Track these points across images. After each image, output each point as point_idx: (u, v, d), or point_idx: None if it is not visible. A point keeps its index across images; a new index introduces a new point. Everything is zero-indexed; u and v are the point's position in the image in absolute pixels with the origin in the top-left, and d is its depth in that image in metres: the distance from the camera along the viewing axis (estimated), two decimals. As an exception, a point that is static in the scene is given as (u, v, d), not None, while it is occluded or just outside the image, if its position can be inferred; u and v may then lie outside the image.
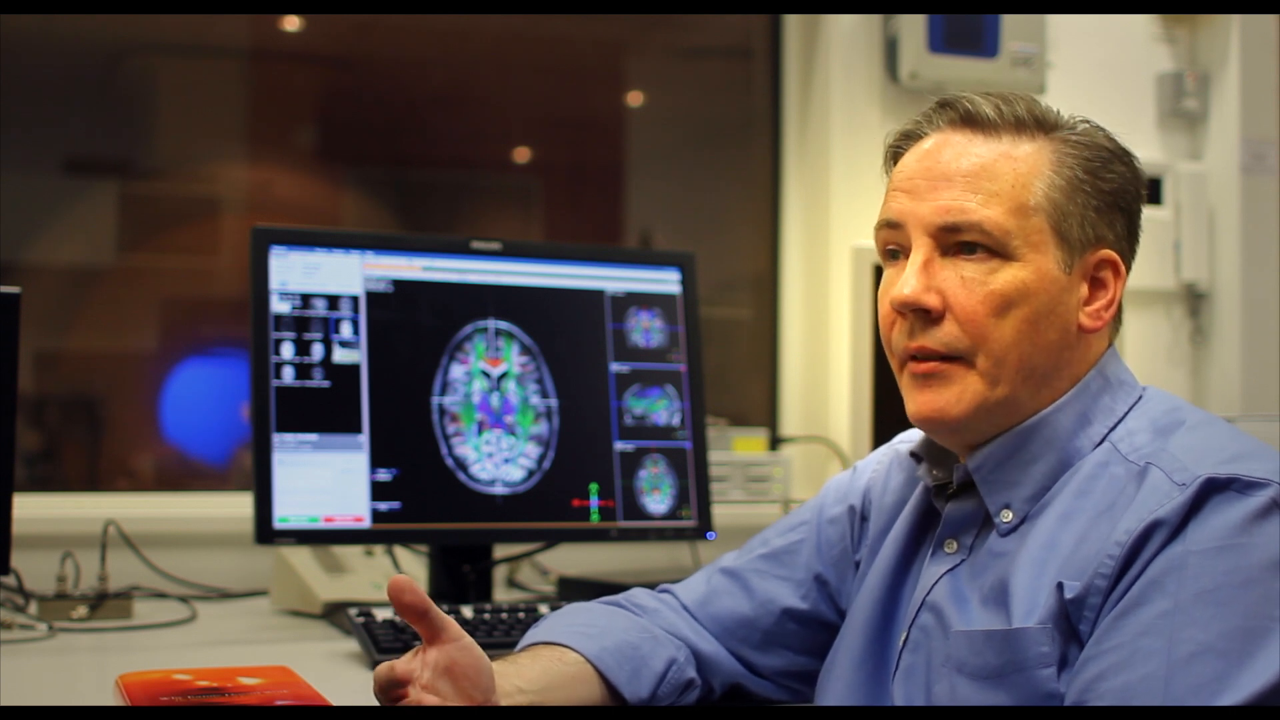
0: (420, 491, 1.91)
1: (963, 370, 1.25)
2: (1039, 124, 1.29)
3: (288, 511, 1.85)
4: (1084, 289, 1.28)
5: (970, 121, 1.29)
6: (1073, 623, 1.17)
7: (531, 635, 1.40)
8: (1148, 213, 3.22)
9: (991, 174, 1.25)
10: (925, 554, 1.34)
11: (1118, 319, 1.33)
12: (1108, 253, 1.28)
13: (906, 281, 1.26)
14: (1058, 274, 1.25)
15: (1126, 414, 1.28)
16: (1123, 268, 1.29)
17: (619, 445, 2.03)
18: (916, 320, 1.27)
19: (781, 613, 1.47)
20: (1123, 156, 1.31)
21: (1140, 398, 1.30)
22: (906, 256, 1.28)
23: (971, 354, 1.25)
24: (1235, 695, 1.07)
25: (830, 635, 1.44)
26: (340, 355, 1.91)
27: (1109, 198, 1.28)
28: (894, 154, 1.35)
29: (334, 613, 1.94)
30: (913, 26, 2.75)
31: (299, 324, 1.90)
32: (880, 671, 1.34)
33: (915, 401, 1.28)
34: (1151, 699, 1.08)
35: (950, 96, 1.32)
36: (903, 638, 1.31)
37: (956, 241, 1.25)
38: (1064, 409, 1.27)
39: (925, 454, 1.36)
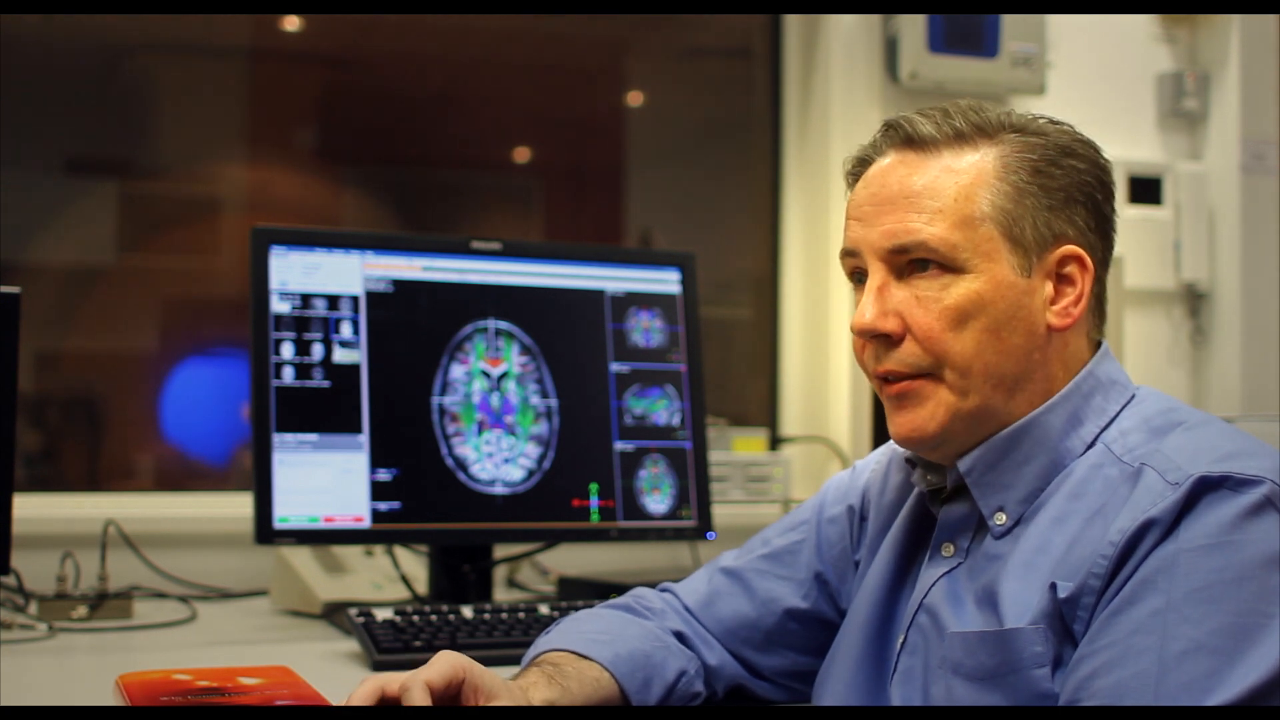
0: (420, 491, 1.91)
1: (932, 385, 1.26)
2: (980, 132, 1.28)
3: (288, 511, 1.85)
4: (1048, 288, 1.27)
5: (911, 143, 1.29)
6: (1066, 623, 1.17)
7: (545, 642, 1.40)
8: (1148, 212, 3.23)
9: (933, 191, 1.26)
10: (923, 557, 1.34)
11: (1101, 314, 1.32)
12: (1070, 248, 1.27)
13: (864, 309, 1.27)
14: (1014, 279, 1.25)
15: (1119, 414, 1.28)
16: (1089, 261, 1.28)
17: (619, 445, 2.03)
18: (879, 344, 1.28)
19: (784, 613, 1.47)
20: (1075, 148, 1.29)
21: (1133, 397, 1.30)
22: None
23: (937, 369, 1.26)
24: (1227, 692, 1.07)
25: (831, 634, 1.44)
26: (340, 355, 1.91)
27: (1061, 194, 1.27)
28: (852, 179, 1.36)
29: (334, 613, 1.94)
30: (913, 26, 2.75)
31: (299, 324, 1.90)
32: (879, 674, 1.34)
33: (894, 423, 1.29)
34: (1143, 696, 1.08)
35: (895, 118, 1.32)
36: (900, 640, 1.32)
37: (909, 261, 1.26)
38: (1054, 409, 1.27)
39: (918, 459, 1.36)
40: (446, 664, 1.18)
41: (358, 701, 1.15)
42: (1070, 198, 1.28)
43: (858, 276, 1.32)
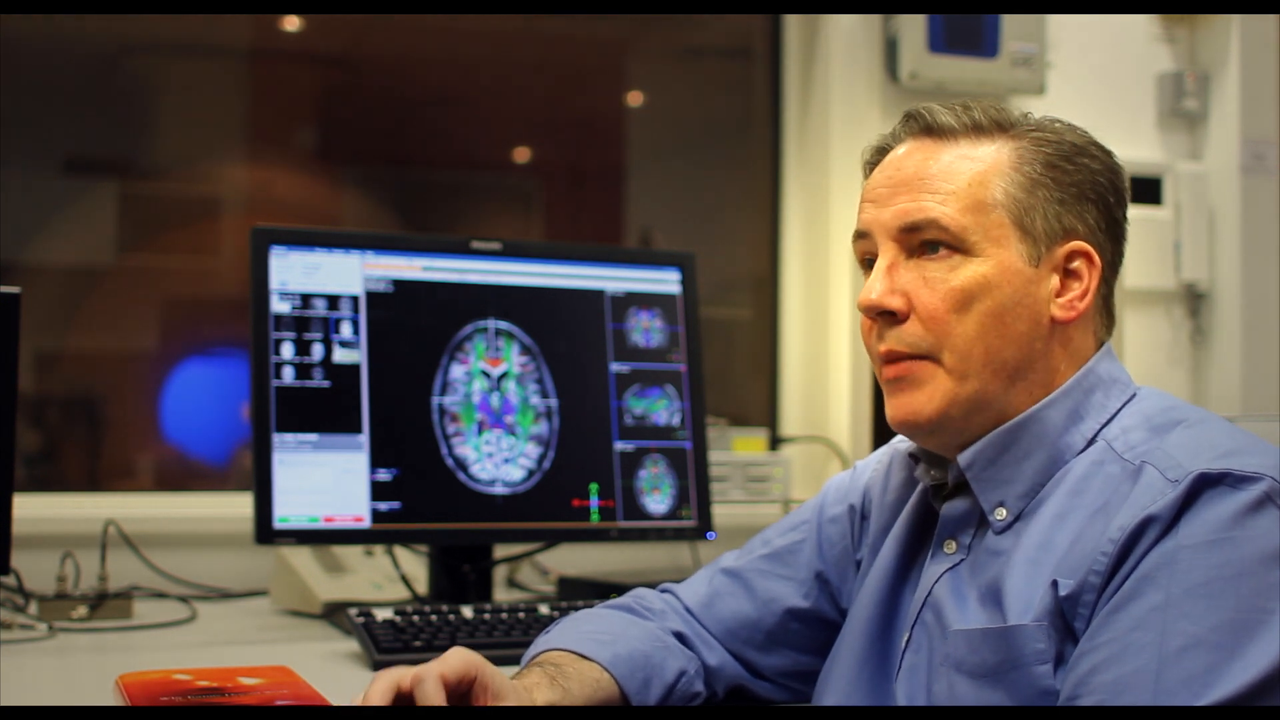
0: (420, 491, 1.91)
1: (931, 368, 1.27)
2: (998, 126, 1.30)
3: (288, 511, 1.85)
4: (1055, 281, 1.28)
5: (930, 132, 1.31)
6: (1068, 620, 1.17)
7: (545, 641, 1.40)
8: (1148, 212, 3.23)
9: (948, 174, 1.27)
10: (926, 555, 1.35)
11: (1109, 313, 1.33)
12: (1079, 244, 1.28)
13: (872, 286, 1.28)
14: (1021, 267, 1.26)
15: (1119, 411, 1.28)
16: (1097, 258, 1.29)
17: (619, 445, 2.03)
18: (884, 323, 1.29)
19: (785, 613, 1.47)
20: (1090, 149, 1.31)
21: (1134, 395, 1.30)
22: None
23: (937, 351, 1.26)
24: (1226, 688, 1.07)
25: (832, 634, 1.44)
26: (340, 355, 1.91)
27: (1074, 190, 1.28)
28: (870, 167, 1.37)
29: (334, 613, 1.94)
30: (913, 26, 2.75)
31: (299, 324, 1.90)
32: (883, 672, 1.34)
33: (891, 406, 1.30)
34: (1143, 692, 1.09)
35: (915, 109, 1.33)
36: (905, 638, 1.32)
37: (919, 242, 1.27)
38: (1055, 405, 1.27)
39: (922, 455, 1.36)
40: (460, 660, 1.18)
41: (374, 698, 1.14)
42: (1082, 194, 1.29)
43: (869, 261, 1.33)
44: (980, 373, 1.26)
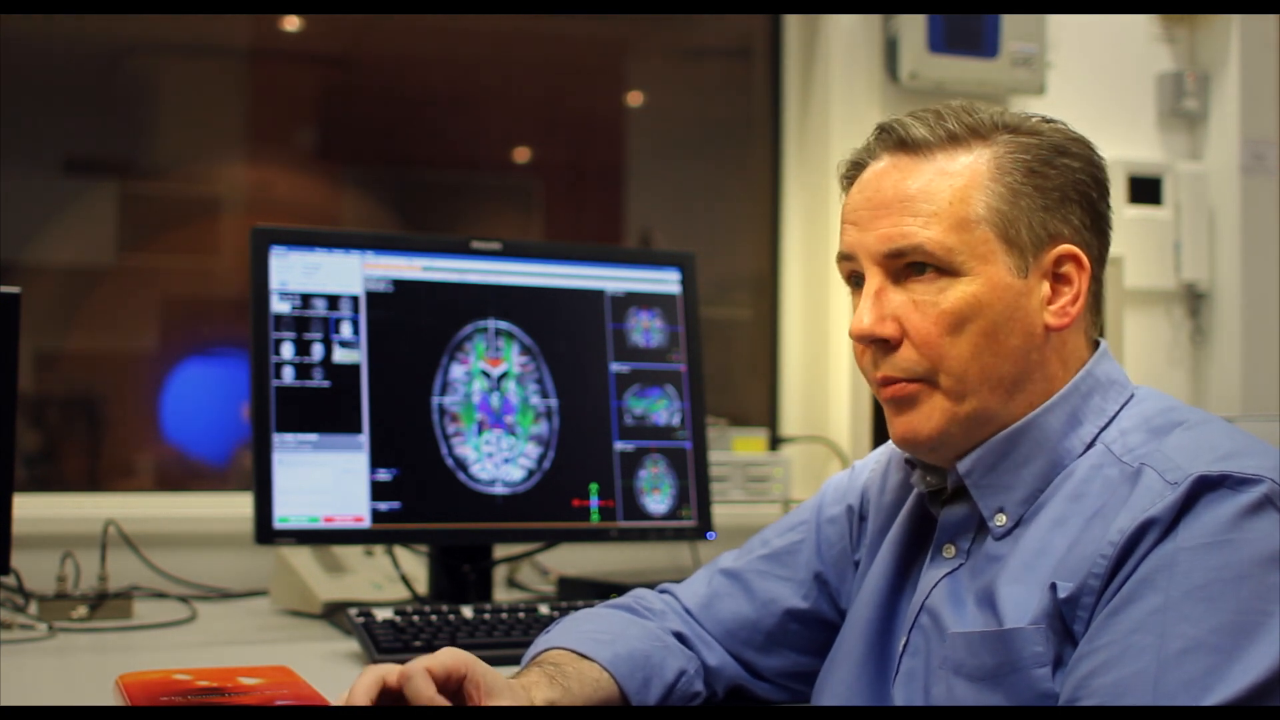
0: (420, 491, 1.91)
1: (928, 390, 1.26)
2: (974, 133, 1.27)
3: (288, 511, 1.85)
4: (1045, 288, 1.27)
5: (905, 146, 1.29)
6: (1067, 623, 1.17)
7: (545, 640, 1.40)
8: (1148, 212, 3.23)
9: (928, 194, 1.25)
10: (924, 558, 1.34)
11: (1098, 311, 1.32)
12: (1066, 248, 1.27)
13: (862, 314, 1.27)
14: (1011, 280, 1.25)
15: (1118, 413, 1.28)
16: (1085, 259, 1.28)
17: (619, 445, 2.03)
18: (878, 349, 1.28)
19: (784, 613, 1.47)
20: (1068, 147, 1.28)
21: (1132, 397, 1.30)
22: None
23: (933, 375, 1.26)
24: (1226, 690, 1.07)
25: (831, 635, 1.44)
26: (340, 355, 1.91)
27: (1056, 193, 1.27)
28: (846, 182, 1.35)
29: (334, 613, 1.94)
30: (913, 26, 2.75)
31: (299, 324, 1.90)
32: (881, 675, 1.34)
33: (893, 425, 1.30)
34: (1142, 695, 1.08)
35: (888, 121, 1.31)
36: (903, 642, 1.31)
37: (905, 265, 1.26)
38: (1053, 410, 1.27)
39: (917, 460, 1.36)
40: (449, 655, 1.19)
41: (360, 693, 1.14)
42: (1065, 197, 1.27)
43: (855, 280, 1.32)
44: (978, 391, 1.25)
